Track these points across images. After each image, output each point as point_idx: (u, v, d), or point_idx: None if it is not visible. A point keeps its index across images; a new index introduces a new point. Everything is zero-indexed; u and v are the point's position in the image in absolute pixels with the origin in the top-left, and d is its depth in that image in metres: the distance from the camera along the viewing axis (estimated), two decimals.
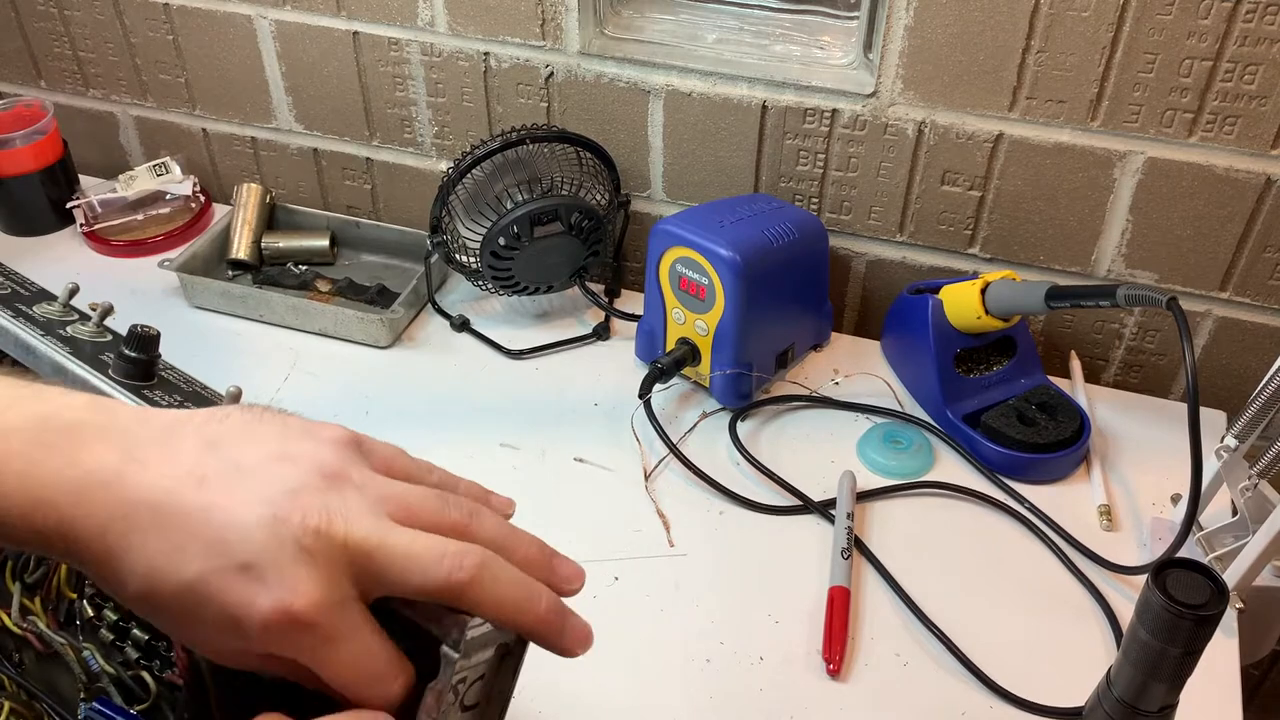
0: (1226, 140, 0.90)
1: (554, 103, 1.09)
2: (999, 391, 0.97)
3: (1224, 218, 0.94)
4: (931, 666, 0.77)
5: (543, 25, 1.04)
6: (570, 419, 0.98)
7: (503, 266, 1.03)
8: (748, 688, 0.76)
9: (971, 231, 1.02)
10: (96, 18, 1.20)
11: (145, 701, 0.60)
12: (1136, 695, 0.54)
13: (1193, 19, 0.85)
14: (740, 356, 0.95)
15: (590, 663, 0.78)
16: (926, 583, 0.83)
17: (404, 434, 0.96)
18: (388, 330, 1.06)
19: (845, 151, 1.01)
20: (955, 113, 0.96)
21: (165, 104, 1.25)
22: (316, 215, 1.20)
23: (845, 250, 1.08)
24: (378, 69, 1.13)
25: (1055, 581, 0.84)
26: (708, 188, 1.09)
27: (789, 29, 1.03)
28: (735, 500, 0.90)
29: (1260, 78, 0.86)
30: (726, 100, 1.02)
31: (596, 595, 0.82)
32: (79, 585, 0.62)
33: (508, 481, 0.92)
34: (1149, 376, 1.05)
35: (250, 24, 1.14)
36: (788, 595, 0.82)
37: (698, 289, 0.94)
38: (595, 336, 1.08)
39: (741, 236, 0.92)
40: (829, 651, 0.77)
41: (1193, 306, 0.99)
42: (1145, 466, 0.93)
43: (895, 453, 0.93)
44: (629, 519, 0.88)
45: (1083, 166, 0.95)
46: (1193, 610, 0.50)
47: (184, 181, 1.23)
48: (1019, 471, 0.91)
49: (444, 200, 1.04)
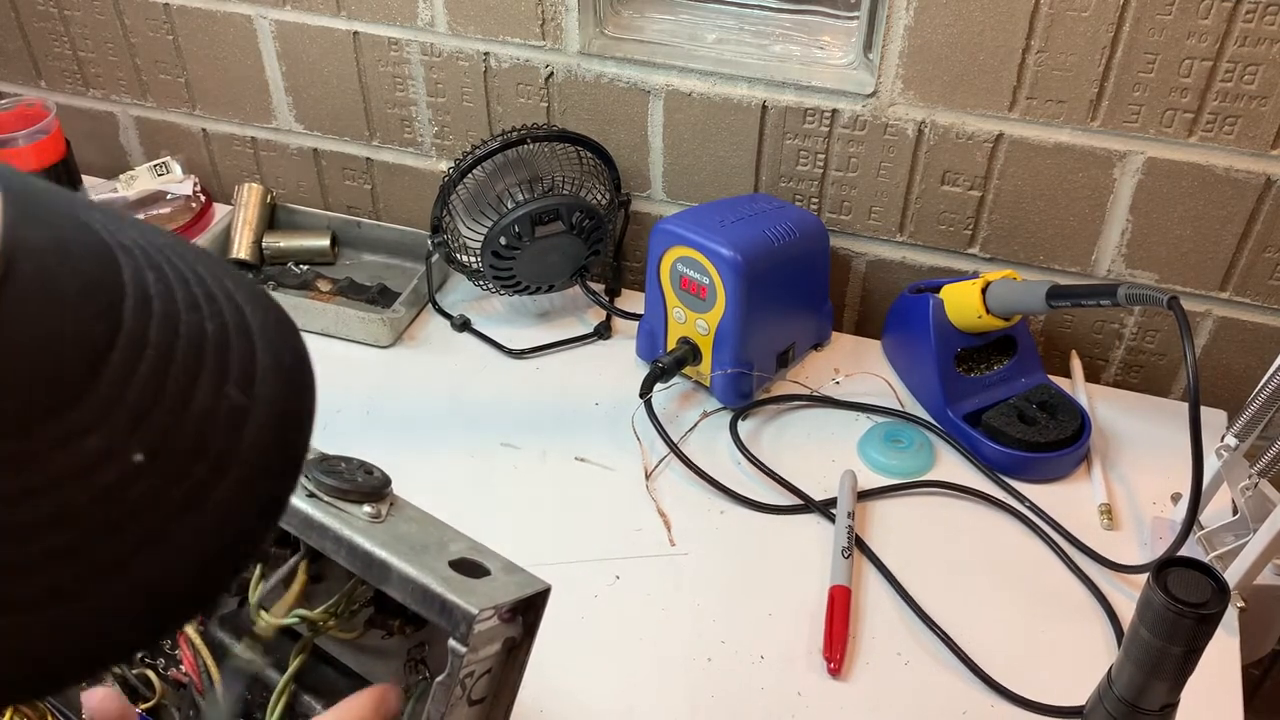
0: (1226, 140, 0.90)
1: (554, 103, 1.09)
2: (1000, 391, 0.97)
3: (1224, 218, 0.94)
4: (932, 665, 0.77)
5: (543, 25, 1.04)
6: (571, 418, 0.98)
7: (504, 266, 1.03)
8: (749, 687, 0.76)
9: (971, 231, 1.02)
10: (96, 18, 1.20)
11: (150, 700, 0.60)
12: (1138, 694, 0.54)
13: (1193, 19, 0.85)
14: (741, 356, 0.95)
15: (592, 662, 0.79)
16: (927, 582, 0.83)
17: (404, 434, 0.97)
18: (389, 330, 1.06)
19: (845, 151, 1.02)
20: (955, 113, 0.96)
21: (165, 104, 1.25)
22: (317, 215, 1.20)
23: (845, 250, 1.08)
24: (378, 69, 1.13)
25: (1056, 580, 0.84)
26: (708, 188, 1.09)
27: (789, 29, 1.03)
28: (736, 499, 0.90)
29: (1260, 78, 0.86)
30: (726, 100, 1.02)
31: (598, 595, 0.82)
32: None
33: (508, 481, 0.92)
34: (1149, 376, 1.06)
35: (250, 24, 1.14)
36: (788, 594, 0.82)
37: (698, 288, 0.94)
38: (596, 336, 1.08)
39: (742, 236, 0.92)
40: (830, 650, 0.77)
41: (1193, 306, 0.99)
42: (1146, 466, 0.93)
43: (896, 452, 0.93)
44: (630, 518, 0.88)
45: (1083, 166, 0.95)
46: (1194, 609, 0.50)
47: (184, 181, 1.23)
48: (1020, 471, 0.91)
49: (445, 200, 1.04)
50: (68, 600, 0.23)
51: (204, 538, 0.25)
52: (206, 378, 0.27)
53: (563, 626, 0.79)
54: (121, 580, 0.24)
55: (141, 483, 0.24)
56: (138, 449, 0.24)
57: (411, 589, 0.48)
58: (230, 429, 0.26)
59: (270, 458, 0.27)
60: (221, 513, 0.26)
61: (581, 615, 0.80)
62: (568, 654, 0.77)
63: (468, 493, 0.91)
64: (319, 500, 0.52)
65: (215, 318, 0.28)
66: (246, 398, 0.27)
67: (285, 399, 0.28)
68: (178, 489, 0.25)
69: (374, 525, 0.51)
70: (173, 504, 0.25)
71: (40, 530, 0.23)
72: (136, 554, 0.24)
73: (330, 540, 0.50)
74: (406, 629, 0.55)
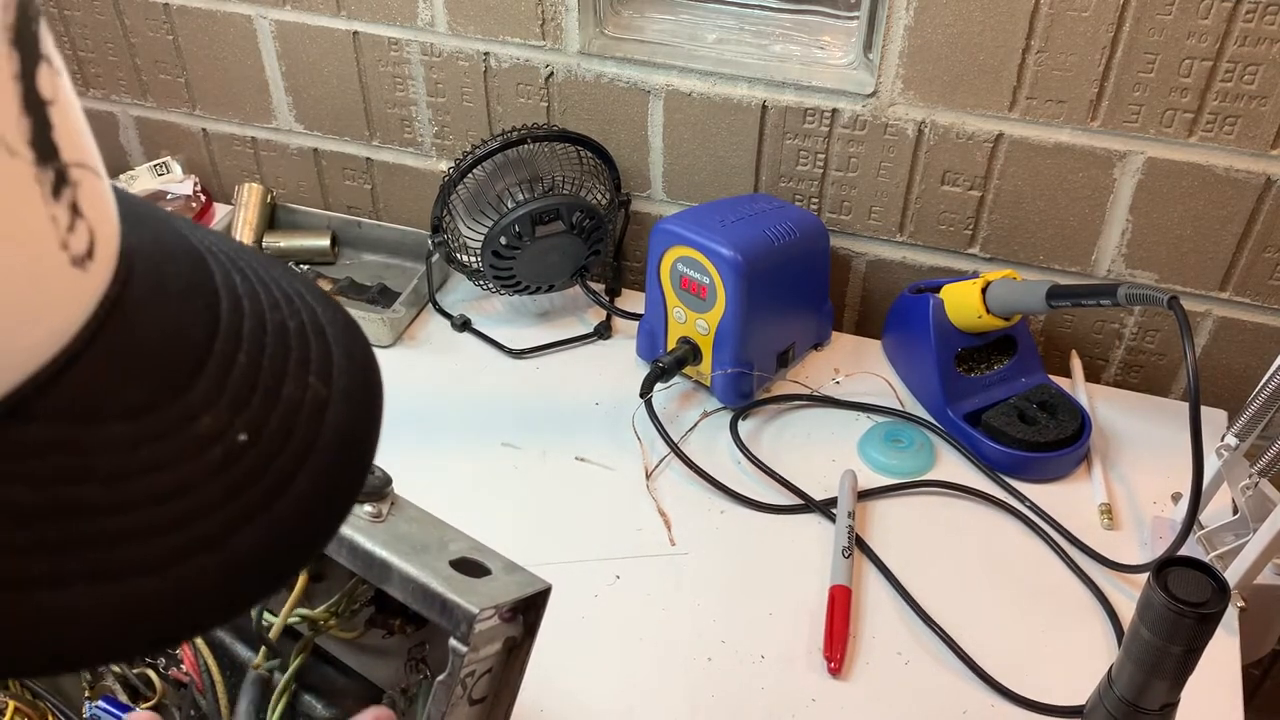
0: (1226, 140, 0.90)
1: (554, 103, 1.09)
2: (1000, 390, 0.97)
3: (1224, 218, 0.94)
4: (933, 665, 0.77)
5: (543, 25, 1.04)
6: (571, 418, 0.98)
7: (504, 266, 1.03)
8: (749, 686, 0.76)
9: (971, 231, 1.02)
10: (96, 18, 1.20)
11: (151, 700, 0.60)
12: (1138, 693, 0.54)
13: (1193, 19, 0.85)
14: (741, 356, 0.95)
15: (592, 662, 0.79)
16: (927, 581, 0.83)
17: (405, 434, 0.97)
18: (389, 330, 1.06)
19: (845, 151, 1.02)
20: (955, 113, 0.96)
21: (165, 104, 1.25)
22: (317, 215, 1.20)
23: (845, 250, 1.08)
24: (378, 69, 1.13)
25: (1056, 580, 0.84)
26: (708, 187, 1.09)
27: (789, 29, 1.03)
28: (736, 499, 0.90)
29: (1260, 78, 0.86)
30: (726, 100, 1.02)
31: (598, 595, 0.82)
32: None
33: (508, 481, 0.92)
34: (1149, 376, 1.06)
35: (250, 24, 1.14)
36: (789, 594, 0.82)
37: (699, 288, 0.94)
38: (596, 336, 1.08)
39: (742, 236, 0.92)
40: (830, 650, 0.77)
41: (1193, 306, 0.99)
42: (1146, 465, 0.93)
43: (896, 452, 0.93)
44: (630, 518, 0.88)
45: (1083, 166, 0.95)
46: (1194, 608, 0.50)
47: (185, 181, 1.23)
48: (1020, 470, 0.91)
49: (445, 200, 1.04)
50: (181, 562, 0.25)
51: (288, 518, 0.27)
52: (293, 369, 0.29)
53: (563, 626, 0.79)
54: (217, 553, 0.26)
55: (244, 462, 0.27)
56: (241, 430, 0.27)
57: (412, 588, 0.48)
58: (314, 415, 0.29)
59: (347, 444, 0.30)
60: (304, 495, 0.28)
61: (581, 615, 0.80)
62: (568, 654, 0.77)
63: (468, 493, 0.91)
64: None
65: (294, 316, 0.31)
66: (326, 389, 0.30)
67: (360, 390, 0.31)
68: (271, 471, 0.27)
69: (374, 525, 0.51)
70: (266, 484, 0.27)
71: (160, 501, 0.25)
72: (234, 530, 0.26)
73: (331, 539, 0.50)
74: (407, 628, 0.55)
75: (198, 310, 0.28)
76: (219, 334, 0.28)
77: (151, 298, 0.27)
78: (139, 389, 0.26)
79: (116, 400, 0.25)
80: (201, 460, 0.26)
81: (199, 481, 0.26)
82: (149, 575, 0.25)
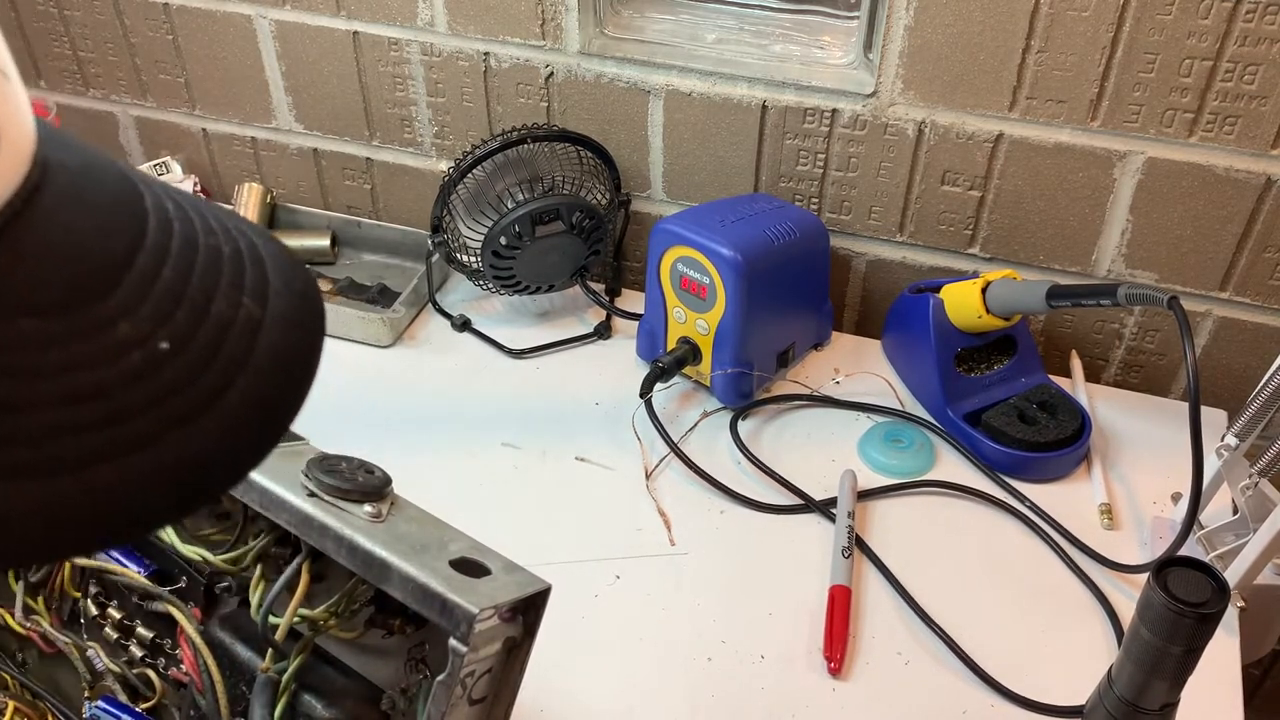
0: (1226, 140, 0.90)
1: (554, 103, 1.09)
2: (1000, 390, 0.97)
3: (1224, 218, 0.94)
4: (932, 665, 0.77)
5: (543, 25, 1.04)
6: (571, 418, 0.98)
7: (504, 265, 1.03)
8: (749, 686, 0.76)
9: (971, 231, 1.02)
10: (96, 18, 1.20)
11: (150, 700, 0.60)
12: (1138, 693, 0.54)
13: (1193, 19, 0.85)
14: (741, 355, 0.95)
15: (592, 661, 0.79)
16: (927, 581, 0.83)
17: (405, 433, 0.97)
18: (389, 330, 1.06)
19: (845, 151, 1.02)
20: (955, 113, 0.96)
21: (165, 104, 1.25)
22: (317, 215, 1.20)
23: (845, 250, 1.08)
24: (378, 69, 1.13)
25: (1056, 580, 0.84)
26: (708, 187, 1.09)
27: (789, 29, 1.03)
28: (736, 499, 0.90)
29: (1260, 78, 0.86)
30: (726, 100, 1.02)
31: (598, 594, 0.82)
32: (83, 584, 0.62)
33: (508, 481, 0.92)
34: (1149, 376, 1.06)
35: (250, 24, 1.14)
36: (789, 594, 0.82)
37: (699, 288, 0.94)
38: (596, 336, 1.08)
39: (742, 236, 0.92)
40: (830, 650, 0.77)
41: (1193, 306, 0.99)
42: (1146, 465, 0.93)
43: (896, 452, 0.93)
44: (630, 518, 0.88)
45: (1083, 166, 0.95)
46: (1194, 608, 0.50)
47: (185, 181, 1.23)
48: (1020, 470, 0.91)
49: (445, 200, 1.04)
50: (103, 463, 0.25)
51: (213, 432, 0.28)
52: (224, 289, 0.29)
53: (563, 626, 0.79)
54: (151, 452, 0.26)
55: (167, 370, 0.27)
56: (163, 339, 0.27)
57: (412, 588, 0.48)
58: (246, 335, 0.29)
59: (282, 366, 0.30)
60: (233, 412, 0.28)
61: (581, 615, 0.80)
62: (568, 654, 0.77)
63: (468, 493, 0.91)
64: (319, 500, 0.52)
65: (230, 243, 0.31)
66: (261, 310, 0.30)
67: (298, 314, 0.31)
68: (200, 381, 0.28)
69: (374, 525, 0.51)
70: (195, 394, 0.27)
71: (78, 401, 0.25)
72: (165, 432, 0.27)
73: (331, 540, 0.50)
74: (407, 628, 0.55)
75: (122, 225, 0.29)
76: (144, 249, 0.28)
77: (68, 206, 0.27)
78: (49, 290, 0.26)
79: (22, 298, 0.25)
80: (119, 365, 0.26)
81: (117, 386, 0.26)
82: (65, 475, 0.25)
